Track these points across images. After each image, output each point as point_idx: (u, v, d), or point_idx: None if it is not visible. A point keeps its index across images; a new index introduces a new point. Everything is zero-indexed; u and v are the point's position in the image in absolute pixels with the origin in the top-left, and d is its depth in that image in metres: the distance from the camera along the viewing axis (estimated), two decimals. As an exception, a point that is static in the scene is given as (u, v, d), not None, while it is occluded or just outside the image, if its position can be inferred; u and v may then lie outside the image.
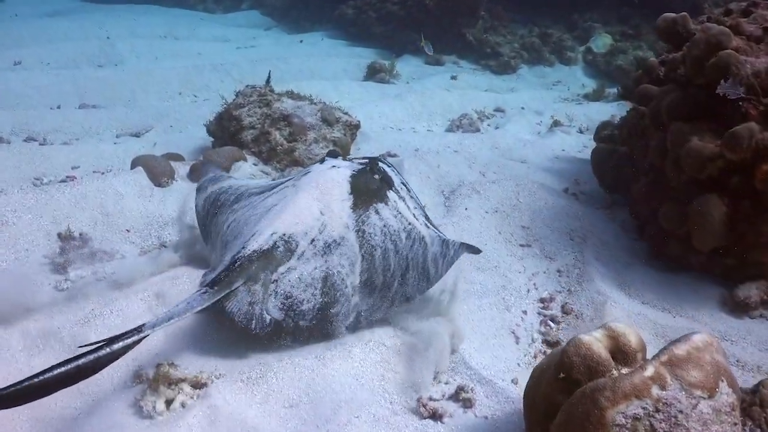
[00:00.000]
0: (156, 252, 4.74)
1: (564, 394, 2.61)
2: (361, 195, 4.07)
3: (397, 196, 4.27)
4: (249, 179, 5.25)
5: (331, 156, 4.63)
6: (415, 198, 4.62)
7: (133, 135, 7.76)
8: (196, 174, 5.91)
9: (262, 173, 6.23)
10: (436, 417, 3.29)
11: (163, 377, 3.04)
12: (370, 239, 3.86)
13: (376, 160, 4.50)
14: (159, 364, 3.10)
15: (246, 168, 6.13)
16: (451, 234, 5.19)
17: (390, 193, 4.22)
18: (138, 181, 5.47)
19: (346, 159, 4.62)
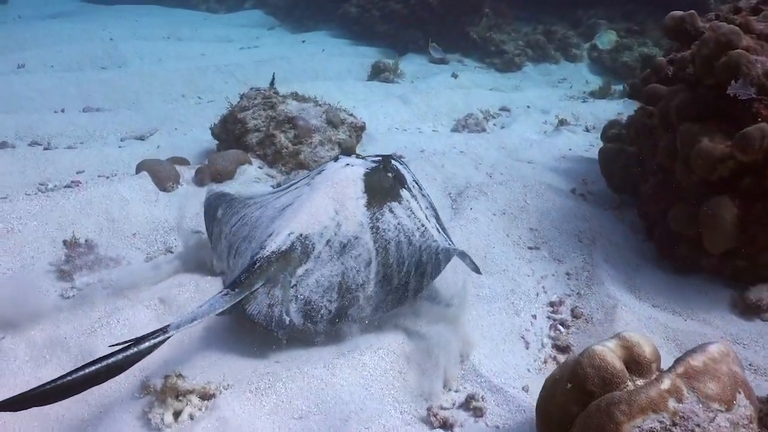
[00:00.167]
0: (162, 258, 4.71)
1: (578, 405, 2.56)
2: (375, 193, 4.11)
3: (410, 194, 4.32)
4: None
5: (345, 154, 4.67)
6: (427, 196, 4.66)
7: (138, 138, 7.72)
8: (201, 178, 5.89)
9: (267, 176, 6.19)
10: (446, 426, 3.24)
11: (171, 389, 3.01)
12: (384, 237, 3.90)
13: (389, 157, 4.54)
14: (167, 375, 3.07)
15: (251, 171, 6.10)
16: (459, 237, 5.15)
17: (403, 192, 4.27)
18: (143, 186, 5.45)
19: (359, 157, 4.65)
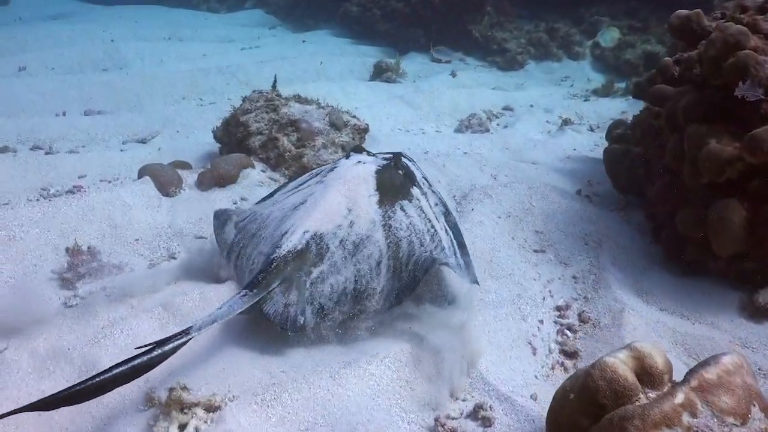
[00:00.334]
0: (165, 264, 4.68)
1: (589, 418, 2.52)
2: (387, 191, 4.18)
3: (420, 191, 4.38)
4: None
5: (356, 151, 4.73)
6: (437, 192, 4.72)
7: (140, 141, 7.68)
8: (203, 182, 5.84)
9: (270, 180, 6.14)
10: (454, 437, 3.21)
11: (176, 402, 2.97)
12: (396, 236, 3.97)
13: (399, 155, 4.58)
14: (171, 388, 3.02)
15: (254, 175, 6.05)
16: (465, 241, 5.10)
17: (413, 189, 4.34)
18: (146, 192, 5.40)
19: (370, 154, 4.71)
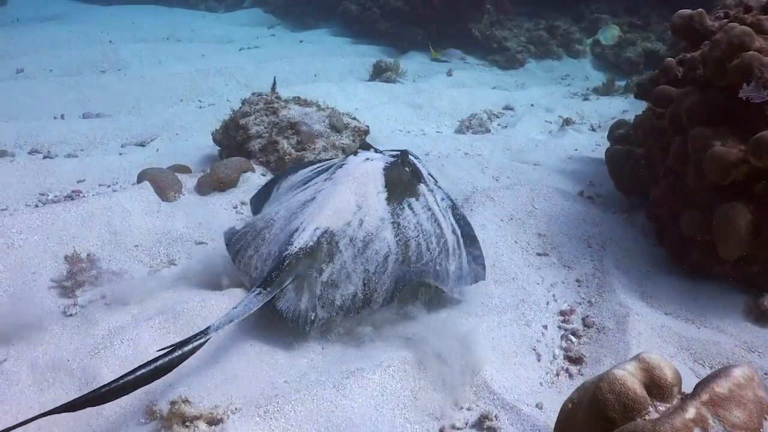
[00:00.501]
0: (165, 271, 4.64)
1: (598, 432, 2.48)
2: (395, 188, 4.27)
3: (427, 188, 4.47)
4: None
5: (363, 148, 4.79)
6: (443, 188, 4.78)
7: (139, 144, 7.63)
8: (203, 186, 5.79)
9: (270, 184, 6.10)
10: (459, 448, 3.18)
11: (178, 415, 2.93)
12: (404, 232, 4.06)
13: (406, 152, 4.63)
14: (173, 401, 2.98)
15: (254, 179, 6.00)
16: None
17: (420, 186, 4.43)
18: (145, 197, 5.36)
19: (377, 151, 4.74)
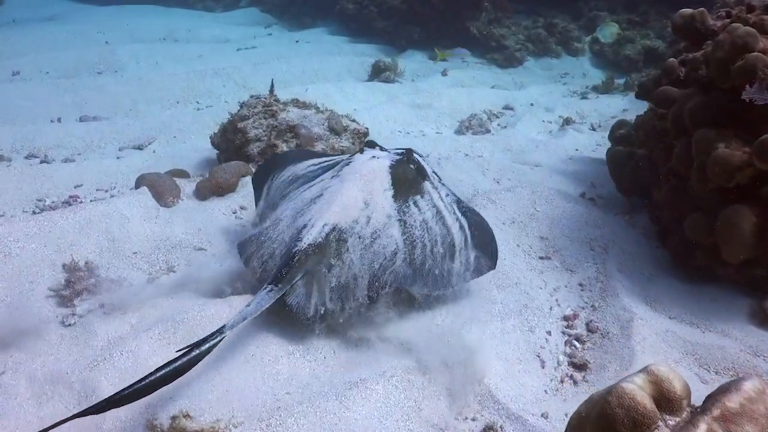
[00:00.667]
0: (164, 278, 4.59)
1: (607, 447, 2.44)
2: (401, 185, 4.32)
3: (431, 185, 4.52)
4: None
5: (369, 146, 4.81)
6: (446, 185, 4.81)
7: (136, 147, 7.56)
8: (201, 191, 5.75)
9: (270, 187, 6.05)
10: (464, 460, 3.14)
11: (178, 430, 2.89)
12: (410, 230, 4.11)
13: (410, 150, 4.67)
14: (174, 416, 2.94)
15: (253, 183, 5.94)
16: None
17: (425, 184, 4.49)
18: (143, 203, 5.30)
19: (382, 149, 4.77)
